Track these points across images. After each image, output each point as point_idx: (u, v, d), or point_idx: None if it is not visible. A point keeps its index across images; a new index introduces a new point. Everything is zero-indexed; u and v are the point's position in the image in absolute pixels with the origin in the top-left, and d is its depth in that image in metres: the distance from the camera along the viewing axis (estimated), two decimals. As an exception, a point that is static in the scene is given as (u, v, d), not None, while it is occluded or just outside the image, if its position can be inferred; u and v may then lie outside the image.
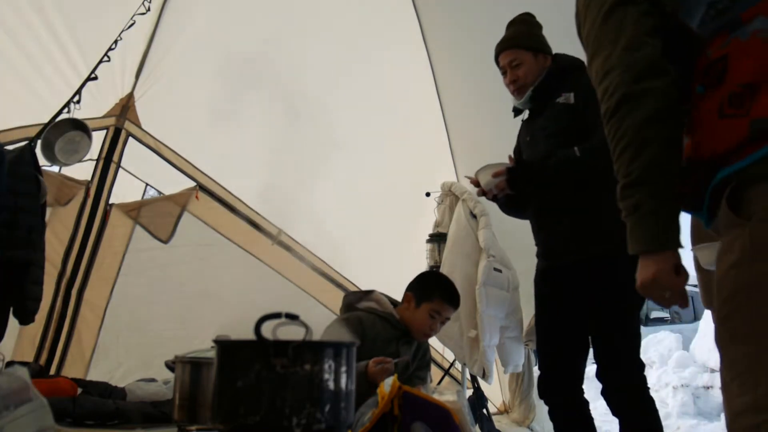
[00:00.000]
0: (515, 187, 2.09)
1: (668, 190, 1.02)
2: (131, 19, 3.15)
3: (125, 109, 3.83)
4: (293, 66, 3.70)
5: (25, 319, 2.61)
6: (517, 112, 2.33)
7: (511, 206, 2.33)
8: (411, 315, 2.33)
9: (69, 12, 3.12)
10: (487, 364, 3.02)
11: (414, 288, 2.39)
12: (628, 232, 1.07)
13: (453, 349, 3.29)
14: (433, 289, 2.34)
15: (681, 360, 6.66)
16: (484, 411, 3.30)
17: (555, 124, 2.11)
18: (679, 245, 1.04)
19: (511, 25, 2.28)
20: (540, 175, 2.06)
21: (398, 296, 2.94)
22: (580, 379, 2.08)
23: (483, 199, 2.49)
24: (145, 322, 3.83)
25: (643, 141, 1.03)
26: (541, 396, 2.19)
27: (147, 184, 4.10)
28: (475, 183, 2.19)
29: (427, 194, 3.63)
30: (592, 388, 2.05)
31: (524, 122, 2.35)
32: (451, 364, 3.94)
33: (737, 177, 0.94)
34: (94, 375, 3.62)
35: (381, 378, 1.74)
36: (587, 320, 2.02)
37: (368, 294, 2.45)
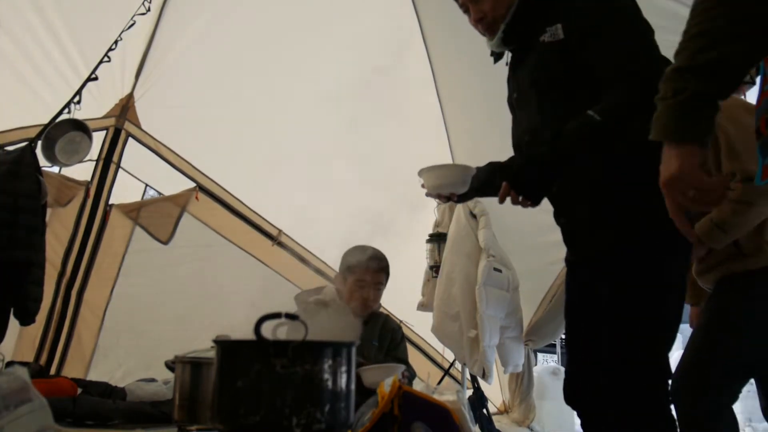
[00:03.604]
0: (534, 195, 1.54)
1: (722, 93, 0.90)
2: (131, 19, 3.15)
3: (125, 109, 3.84)
4: (293, 66, 3.71)
5: (26, 319, 2.61)
6: (497, 56, 1.80)
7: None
8: (346, 293, 2.38)
9: (69, 12, 3.12)
10: (487, 364, 3.02)
11: (339, 268, 2.46)
12: (655, 117, 0.95)
13: (453, 349, 3.30)
14: (349, 260, 2.40)
15: (681, 360, 6.65)
16: (484, 411, 3.30)
17: (544, 73, 1.59)
18: (706, 144, 0.92)
19: None
20: (556, 165, 1.50)
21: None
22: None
23: (483, 198, 2.47)
24: (145, 323, 3.83)
25: (728, 34, 0.86)
26: (567, 403, 1.84)
27: (147, 185, 4.10)
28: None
29: (428, 194, 3.63)
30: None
31: (509, 70, 1.81)
32: (451, 364, 3.93)
33: None
34: (94, 375, 3.62)
35: None
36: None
37: (319, 289, 2.49)
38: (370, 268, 2.38)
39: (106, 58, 3.15)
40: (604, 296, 1.57)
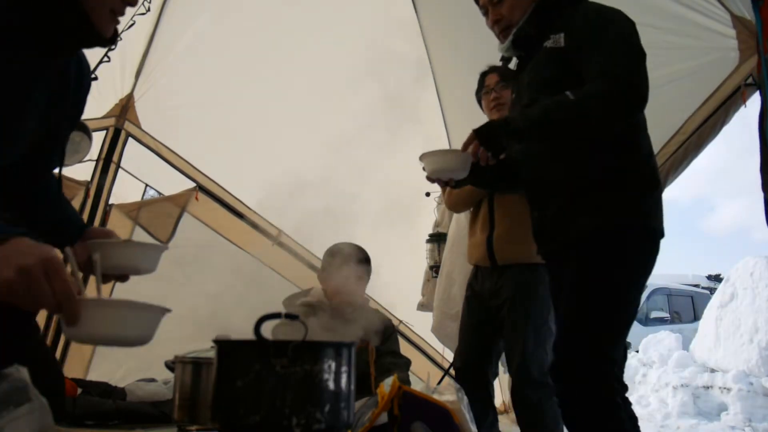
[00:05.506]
0: (496, 149, 1.69)
1: None
2: (131, 19, 3.14)
3: (125, 109, 3.84)
4: (293, 66, 3.70)
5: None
6: (506, 61, 1.95)
7: (493, 181, 2.02)
8: (329, 288, 2.43)
9: (68, 12, 3.12)
10: (487, 364, 3.02)
11: (321, 266, 2.60)
12: None
13: (453, 349, 3.29)
14: (327, 254, 2.50)
15: (681, 360, 6.67)
16: (484, 411, 3.29)
17: (540, 73, 1.71)
18: None
19: None
20: (523, 127, 1.63)
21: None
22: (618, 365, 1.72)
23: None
24: (144, 323, 3.83)
25: None
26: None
27: (147, 185, 4.10)
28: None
29: (427, 194, 3.62)
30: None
31: (516, 74, 1.95)
32: (451, 364, 3.93)
33: None
34: (94, 375, 3.62)
35: None
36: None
37: (306, 291, 2.50)
38: (344, 251, 2.39)
39: (105, 58, 3.15)
40: (567, 285, 1.65)
